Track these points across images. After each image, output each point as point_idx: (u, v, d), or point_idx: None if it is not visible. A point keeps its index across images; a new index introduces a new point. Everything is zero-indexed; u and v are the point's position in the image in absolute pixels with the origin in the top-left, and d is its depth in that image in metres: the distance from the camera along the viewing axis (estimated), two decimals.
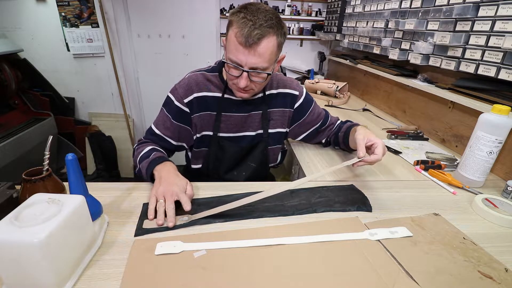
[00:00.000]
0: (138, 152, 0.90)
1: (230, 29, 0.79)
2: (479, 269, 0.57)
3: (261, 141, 1.01)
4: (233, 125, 0.98)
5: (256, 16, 0.75)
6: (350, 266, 0.57)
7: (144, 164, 0.84)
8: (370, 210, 0.76)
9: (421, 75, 1.40)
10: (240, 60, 0.78)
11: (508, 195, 0.83)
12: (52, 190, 0.59)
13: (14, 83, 2.07)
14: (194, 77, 0.94)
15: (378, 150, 0.78)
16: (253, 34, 0.74)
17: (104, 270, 0.54)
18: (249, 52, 0.77)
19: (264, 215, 0.71)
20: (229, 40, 0.79)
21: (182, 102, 0.93)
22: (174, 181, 0.75)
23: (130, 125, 2.72)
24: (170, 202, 0.69)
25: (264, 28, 0.75)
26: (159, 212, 0.67)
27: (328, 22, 2.41)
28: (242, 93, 0.88)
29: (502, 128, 0.81)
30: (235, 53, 0.78)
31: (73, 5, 2.36)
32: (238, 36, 0.75)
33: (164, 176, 0.77)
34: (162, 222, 0.66)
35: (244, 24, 0.75)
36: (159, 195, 0.70)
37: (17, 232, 0.44)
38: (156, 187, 0.73)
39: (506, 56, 0.93)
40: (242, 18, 0.75)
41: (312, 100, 1.07)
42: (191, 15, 2.54)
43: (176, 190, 0.71)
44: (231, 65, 0.81)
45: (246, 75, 0.81)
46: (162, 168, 0.80)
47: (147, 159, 0.85)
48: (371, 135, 0.83)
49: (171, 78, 2.73)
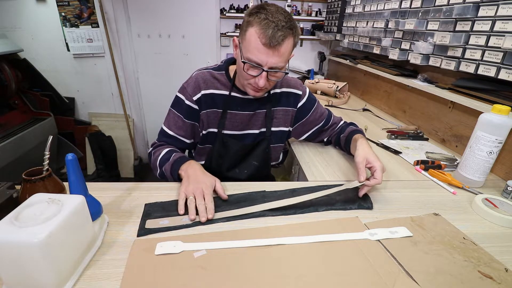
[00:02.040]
0: (156, 156, 0.92)
1: (249, 29, 0.79)
2: (479, 269, 0.57)
3: (264, 140, 1.02)
4: (238, 123, 0.99)
5: (277, 18, 0.76)
6: (350, 266, 0.57)
7: (167, 167, 0.86)
8: (371, 207, 0.76)
9: (421, 75, 1.40)
10: (261, 60, 0.79)
11: (508, 195, 0.83)
12: (52, 190, 0.59)
13: (14, 83, 2.07)
14: (201, 75, 0.95)
15: (377, 174, 0.77)
16: (277, 36, 0.76)
17: (104, 270, 0.54)
18: (272, 53, 0.78)
19: (266, 214, 0.72)
20: (249, 40, 0.79)
21: (191, 100, 0.94)
22: (202, 179, 0.78)
23: (130, 125, 2.72)
24: (200, 199, 0.71)
25: (286, 30, 0.77)
26: (190, 207, 0.70)
27: (328, 22, 2.41)
28: (256, 92, 0.89)
29: (502, 128, 0.81)
30: (256, 53, 0.79)
31: (73, 5, 2.36)
32: (262, 37, 0.76)
33: (191, 174, 0.79)
34: (194, 217, 0.68)
35: (267, 25, 0.75)
36: (189, 193, 0.73)
37: (17, 232, 0.44)
38: (184, 185, 0.76)
39: (506, 56, 0.93)
40: (264, 19, 0.76)
41: (315, 99, 1.09)
42: (191, 15, 2.54)
43: (204, 188, 0.74)
44: (250, 64, 0.81)
45: (265, 75, 0.82)
46: (187, 167, 0.82)
47: (168, 161, 0.87)
48: (371, 155, 0.81)
49: (171, 78, 2.73)
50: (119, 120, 2.73)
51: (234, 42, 0.87)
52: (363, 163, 0.80)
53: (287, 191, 0.82)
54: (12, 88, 2.07)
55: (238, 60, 0.86)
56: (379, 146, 1.20)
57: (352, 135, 1.00)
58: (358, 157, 0.82)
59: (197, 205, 0.70)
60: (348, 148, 1.01)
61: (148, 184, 0.84)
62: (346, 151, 1.07)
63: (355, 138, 0.96)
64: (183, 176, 0.80)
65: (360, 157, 0.81)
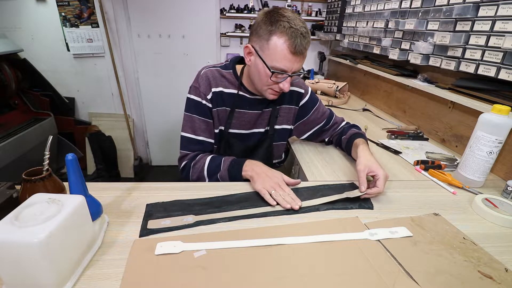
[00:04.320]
0: (198, 167, 0.91)
1: (272, 37, 0.79)
2: (479, 269, 0.57)
3: (267, 138, 1.03)
4: (246, 122, 1.00)
5: (299, 25, 0.79)
6: (350, 266, 0.57)
7: (223, 174, 0.88)
8: (372, 207, 0.76)
9: (421, 75, 1.40)
10: (287, 66, 0.82)
11: (508, 195, 0.83)
12: (52, 190, 0.59)
13: (14, 83, 2.07)
14: (210, 73, 0.95)
15: (380, 183, 0.77)
16: (304, 43, 0.80)
17: (104, 270, 0.54)
18: (298, 59, 0.82)
19: (268, 214, 0.72)
20: (274, 49, 0.80)
21: (206, 99, 0.94)
22: (272, 174, 0.82)
23: (130, 125, 2.72)
24: (283, 191, 0.77)
25: (308, 35, 0.81)
26: (279, 200, 0.75)
27: (328, 22, 2.41)
28: (275, 95, 0.91)
29: (502, 128, 0.81)
30: (283, 61, 0.81)
31: (73, 5, 2.36)
32: (291, 46, 0.79)
33: (261, 172, 0.83)
34: (290, 205, 0.73)
35: (294, 33, 0.78)
36: (269, 188, 0.78)
37: (17, 232, 0.44)
38: (260, 183, 0.80)
39: (506, 56, 0.93)
40: (288, 27, 0.78)
41: (317, 99, 1.10)
42: (191, 15, 2.54)
43: (279, 182, 0.80)
44: (276, 72, 0.83)
45: (289, 79, 0.85)
46: (252, 166, 0.85)
47: (221, 168, 0.89)
48: (373, 163, 0.81)
49: (171, 78, 2.73)
50: (119, 120, 2.73)
51: (247, 49, 0.86)
52: (364, 171, 0.79)
53: None
54: (12, 88, 2.07)
55: (256, 67, 0.86)
56: (379, 146, 1.20)
57: (353, 138, 1.00)
58: (359, 165, 0.81)
59: (283, 197, 0.75)
60: (349, 151, 1.02)
61: (148, 184, 0.84)
62: (347, 153, 1.07)
63: (356, 143, 0.96)
64: (250, 176, 0.84)
65: (362, 165, 0.81)
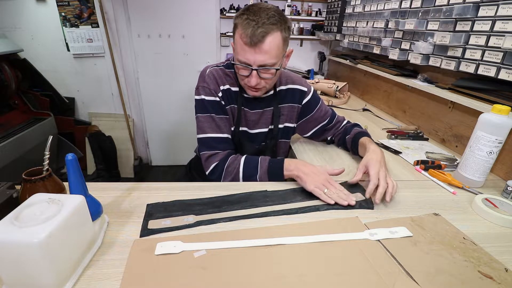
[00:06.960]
0: (232, 169, 0.90)
1: (235, 31, 0.83)
2: (479, 269, 0.57)
3: (272, 137, 1.04)
4: (250, 121, 1.01)
5: (258, 16, 0.78)
6: (350, 266, 0.56)
7: (262, 175, 0.88)
8: (372, 207, 0.76)
9: (421, 75, 1.40)
10: (248, 59, 0.82)
11: (508, 195, 0.83)
12: (52, 190, 0.59)
13: (14, 83, 2.07)
14: (215, 71, 0.96)
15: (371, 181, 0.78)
16: (257, 33, 0.77)
17: (104, 270, 0.54)
18: (256, 51, 0.80)
19: (268, 214, 0.72)
20: (236, 42, 0.84)
21: (218, 96, 0.94)
22: (319, 171, 0.83)
23: (130, 125, 2.72)
24: (334, 188, 0.79)
25: (267, 26, 0.78)
26: (334, 197, 0.76)
27: (328, 22, 2.41)
28: (254, 91, 0.91)
29: (502, 128, 0.81)
30: (242, 53, 0.82)
31: (73, 5, 2.36)
32: (243, 37, 0.79)
33: (308, 171, 0.82)
34: (347, 202, 0.75)
35: (248, 24, 0.78)
36: (321, 187, 0.78)
37: (17, 232, 0.44)
38: (311, 183, 0.79)
39: (506, 56, 0.93)
40: (245, 19, 0.79)
41: (319, 98, 1.10)
42: (191, 15, 2.54)
43: (328, 179, 0.81)
44: (240, 65, 0.84)
45: (255, 73, 0.84)
46: (297, 165, 0.85)
47: (259, 169, 0.88)
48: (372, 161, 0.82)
49: (171, 78, 2.73)
50: (119, 120, 2.73)
51: (232, 45, 0.89)
52: (361, 170, 0.83)
53: (288, 191, 0.82)
54: (12, 88, 2.07)
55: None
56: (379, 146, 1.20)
57: (358, 137, 1.01)
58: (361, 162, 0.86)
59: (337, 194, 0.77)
60: (356, 150, 1.02)
61: (148, 184, 0.84)
62: (352, 152, 1.07)
63: (363, 142, 0.97)
64: (297, 175, 0.83)
65: (362, 161, 0.86)
